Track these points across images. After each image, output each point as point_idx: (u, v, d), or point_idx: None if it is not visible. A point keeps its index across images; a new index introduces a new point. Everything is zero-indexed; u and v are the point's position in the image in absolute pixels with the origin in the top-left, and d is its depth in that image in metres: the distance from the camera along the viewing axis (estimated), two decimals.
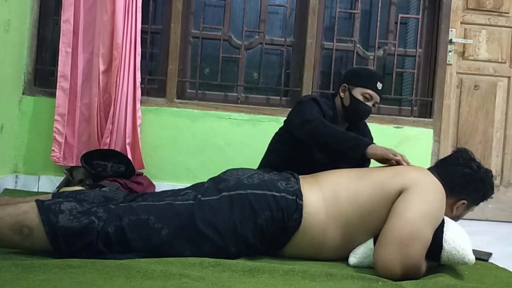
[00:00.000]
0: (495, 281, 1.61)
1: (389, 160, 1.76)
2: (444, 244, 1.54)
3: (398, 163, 1.74)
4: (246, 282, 1.34)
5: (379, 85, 2.15)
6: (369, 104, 2.16)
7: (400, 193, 1.57)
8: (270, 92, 3.20)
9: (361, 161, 1.88)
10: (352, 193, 1.63)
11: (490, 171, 1.75)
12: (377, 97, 2.16)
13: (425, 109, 3.25)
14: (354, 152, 1.85)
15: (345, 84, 2.20)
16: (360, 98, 2.15)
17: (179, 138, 3.00)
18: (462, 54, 3.24)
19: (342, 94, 2.20)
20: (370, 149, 1.81)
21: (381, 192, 1.60)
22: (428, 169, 1.75)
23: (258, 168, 2.20)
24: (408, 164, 1.75)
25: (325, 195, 1.64)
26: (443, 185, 1.62)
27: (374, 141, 2.31)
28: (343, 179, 1.69)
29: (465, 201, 1.70)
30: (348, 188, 1.64)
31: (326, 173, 1.76)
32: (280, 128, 2.25)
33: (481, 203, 1.77)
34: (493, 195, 1.75)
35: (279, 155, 2.16)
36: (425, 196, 1.55)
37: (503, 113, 3.26)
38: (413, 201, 1.53)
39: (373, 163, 1.90)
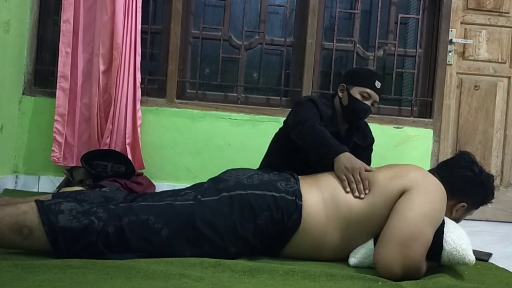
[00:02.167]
0: (495, 281, 1.61)
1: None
2: (444, 244, 1.54)
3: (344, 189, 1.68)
4: (246, 282, 1.34)
5: (378, 84, 2.12)
6: (368, 103, 2.12)
7: (401, 194, 1.57)
8: (270, 92, 3.19)
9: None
10: (350, 195, 1.63)
11: (492, 175, 1.74)
12: (375, 96, 2.13)
13: (425, 109, 3.25)
14: (325, 160, 1.84)
15: (344, 84, 2.18)
16: (358, 97, 2.11)
17: (179, 138, 3.00)
18: (462, 54, 3.24)
19: (340, 94, 2.18)
20: (336, 161, 1.78)
21: (381, 194, 1.60)
22: (430, 170, 1.75)
23: (259, 168, 2.20)
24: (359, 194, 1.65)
25: (324, 196, 1.64)
26: (444, 187, 1.62)
27: (373, 144, 2.31)
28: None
29: (465, 204, 1.69)
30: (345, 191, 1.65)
31: (325, 175, 1.75)
32: (280, 129, 2.24)
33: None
34: (493, 200, 1.75)
35: (279, 156, 2.15)
36: (426, 197, 1.54)
37: (503, 113, 3.26)
38: (414, 202, 1.53)
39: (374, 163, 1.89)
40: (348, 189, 1.65)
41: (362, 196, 1.63)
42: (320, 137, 1.90)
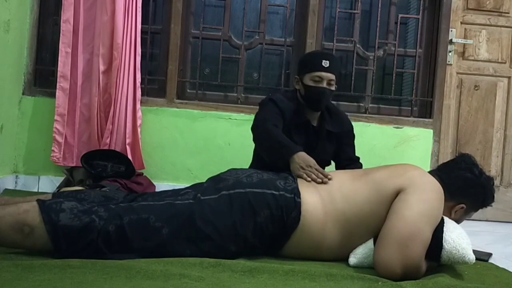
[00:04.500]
0: (495, 281, 1.61)
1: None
2: (444, 243, 1.53)
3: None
4: (246, 282, 1.34)
5: (325, 63, 2.11)
6: (322, 85, 2.13)
7: (397, 193, 1.57)
8: (270, 92, 3.19)
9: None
10: (347, 193, 1.64)
11: (492, 178, 1.74)
12: (327, 75, 2.12)
13: (425, 109, 3.25)
14: (280, 162, 1.88)
15: (296, 76, 2.24)
16: (311, 83, 2.14)
17: (179, 138, 3.00)
18: (462, 54, 3.24)
19: (297, 87, 2.23)
20: (291, 162, 1.83)
21: (378, 193, 1.60)
22: (430, 172, 1.74)
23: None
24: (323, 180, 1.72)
25: (322, 194, 1.65)
26: (443, 188, 1.62)
27: (355, 136, 2.33)
28: (336, 180, 1.70)
29: (464, 205, 1.69)
30: (342, 189, 1.65)
31: None
32: None
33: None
34: (492, 204, 1.75)
35: (262, 162, 2.12)
36: (424, 196, 1.54)
37: (503, 113, 3.26)
38: (411, 201, 1.53)
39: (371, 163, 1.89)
40: (309, 179, 1.72)
41: (325, 180, 1.69)
42: (276, 140, 1.95)
